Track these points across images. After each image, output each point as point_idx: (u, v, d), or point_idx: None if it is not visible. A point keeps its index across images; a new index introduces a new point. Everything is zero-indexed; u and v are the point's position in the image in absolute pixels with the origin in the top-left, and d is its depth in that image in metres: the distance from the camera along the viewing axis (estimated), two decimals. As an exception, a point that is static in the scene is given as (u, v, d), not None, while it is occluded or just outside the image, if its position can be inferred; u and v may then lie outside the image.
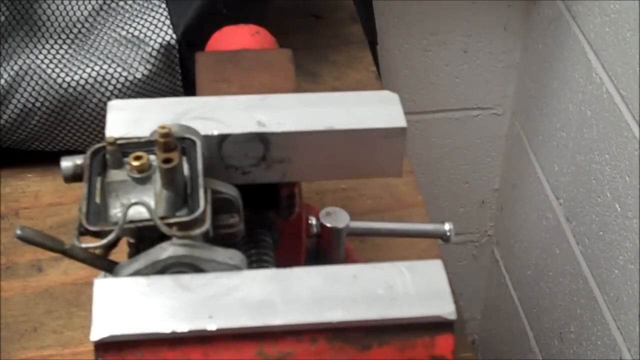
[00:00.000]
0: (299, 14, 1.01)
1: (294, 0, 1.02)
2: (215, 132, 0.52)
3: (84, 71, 0.77)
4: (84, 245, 0.45)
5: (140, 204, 0.45)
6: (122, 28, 0.78)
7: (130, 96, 0.76)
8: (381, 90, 0.61)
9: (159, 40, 0.77)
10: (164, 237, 0.46)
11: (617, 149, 1.05)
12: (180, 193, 0.48)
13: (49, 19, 0.78)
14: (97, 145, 0.49)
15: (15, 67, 0.76)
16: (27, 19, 0.77)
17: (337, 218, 0.62)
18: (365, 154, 0.54)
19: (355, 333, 0.41)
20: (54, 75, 0.76)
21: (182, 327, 0.44)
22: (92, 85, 0.77)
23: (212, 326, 0.44)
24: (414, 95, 1.36)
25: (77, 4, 0.78)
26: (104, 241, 0.44)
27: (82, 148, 0.80)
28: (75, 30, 0.78)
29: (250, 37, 0.65)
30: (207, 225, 0.47)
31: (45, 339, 0.70)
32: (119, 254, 0.49)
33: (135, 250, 0.48)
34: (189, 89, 0.79)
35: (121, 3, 0.79)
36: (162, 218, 0.46)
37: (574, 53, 1.14)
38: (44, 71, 0.76)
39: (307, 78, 0.92)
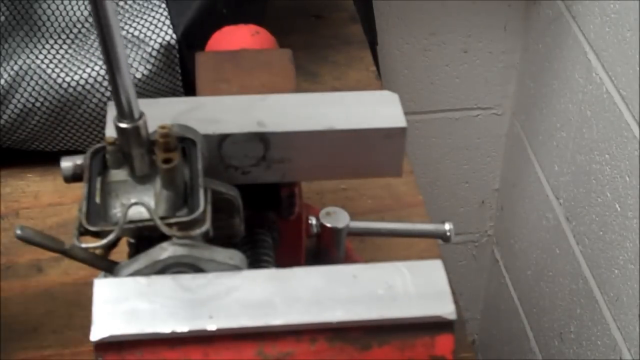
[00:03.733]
0: (299, 14, 1.01)
1: (294, 0, 1.02)
2: (215, 132, 0.52)
3: (84, 71, 0.77)
4: (84, 245, 0.45)
5: (140, 204, 0.45)
6: (122, 28, 0.78)
7: (130, 96, 0.76)
8: (381, 90, 0.61)
9: (159, 40, 0.77)
10: (164, 237, 0.46)
11: (617, 149, 1.05)
12: (180, 193, 0.48)
13: (49, 19, 0.78)
14: (97, 145, 0.49)
15: (15, 67, 0.76)
16: (27, 19, 0.77)
17: (337, 218, 0.62)
18: (365, 154, 0.54)
19: (355, 333, 0.41)
20: (54, 75, 0.76)
21: (182, 327, 0.44)
22: (92, 85, 0.77)
23: (212, 326, 0.44)
24: (414, 95, 1.36)
25: (77, 4, 0.78)
26: (104, 241, 0.44)
27: (82, 148, 0.80)
28: (75, 30, 0.78)
29: (250, 37, 0.65)
30: (207, 225, 0.47)
31: (45, 339, 0.70)
32: (119, 254, 0.49)
33: (135, 250, 0.48)
34: (189, 89, 0.79)
35: (121, 3, 0.79)
36: (162, 218, 0.46)
37: (574, 53, 1.14)
38: (44, 71, 0.76)
39: (307, 78, 0.92)
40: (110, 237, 0.45)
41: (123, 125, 0.46)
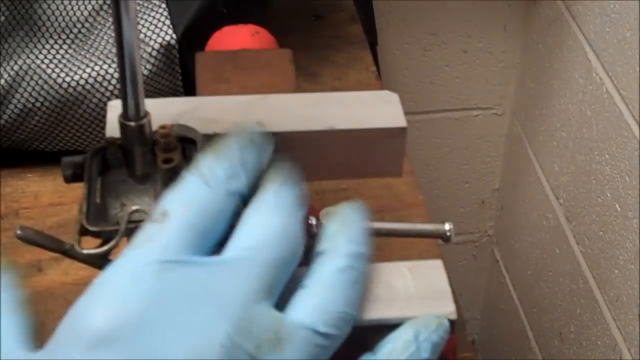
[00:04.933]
0: (299, 14, 1.01)
1: (294, 0, 1.02)
2: (216, 132, 0.52)
3: (84, 71, 0.77)
4: (84, 251, 0.45)
5: (140, 211, 0.45)
6: (122, 28, 0.78)
7: (130, 96, 0.76)
8: (381, 90, 0.61)
9: (159, 40, 0.77)
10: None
11: (617, 149, 1.05)
12: (180, 193, 0.48)
13: (49, 19, 0.78)
14: (97, 145, 0.49)
15: (15, 67, 0.76)
16: (27, 19, 0.77)
17: (337, 218, 0.62)
18: (365, 154, 0.54)
19: (355, 333, 0.41)
20: (54, 75, 0.76)
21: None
22: (92, 85, 0.77)
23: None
24: (414, 95, 1.36)
25: (77, 4, 0.79)
26: (104, 248, 0.45)
27: (82, 148, 0.81)
28: (75, 30, 0.78)
29: (250, 37, 0.65)
30: (207, 225, 0.46)
31: (45, 339, 0.70)
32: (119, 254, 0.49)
33: (135, 250, 0.48)
34: (189, 89, 0.79)
35: (121, 3, 0.79)
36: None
37: (574, 53, 1.14)
38: (44, 71, 0.76)
39: (307, 78, 0.92)
40: (111, 243, 0.45)
41: (128, 123, 0.46)
